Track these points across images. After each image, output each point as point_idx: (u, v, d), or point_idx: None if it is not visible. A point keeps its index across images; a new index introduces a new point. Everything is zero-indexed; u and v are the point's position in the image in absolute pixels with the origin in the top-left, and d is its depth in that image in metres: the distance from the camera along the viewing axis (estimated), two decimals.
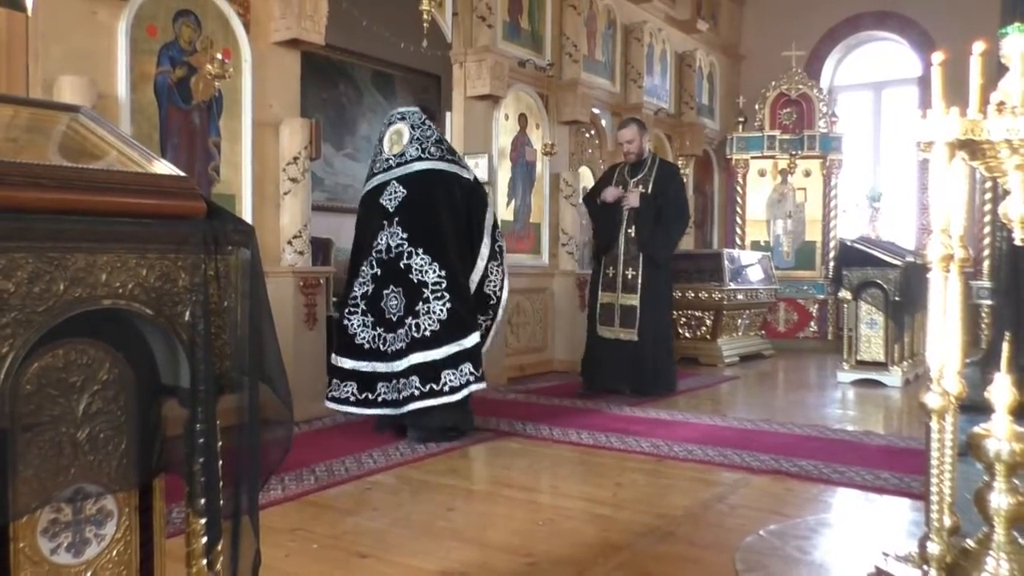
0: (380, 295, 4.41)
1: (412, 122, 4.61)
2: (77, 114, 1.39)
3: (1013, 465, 2.17)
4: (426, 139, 4.55)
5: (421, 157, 4.50)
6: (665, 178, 6.10)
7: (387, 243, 4.40)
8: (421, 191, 4.43)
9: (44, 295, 1.08)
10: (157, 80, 4.29)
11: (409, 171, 4.47)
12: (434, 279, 4.32)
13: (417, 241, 4.36)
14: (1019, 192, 2.03)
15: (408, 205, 4.41)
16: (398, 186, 4.46)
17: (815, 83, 10.29)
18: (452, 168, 4.55)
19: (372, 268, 4.45)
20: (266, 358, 1.36)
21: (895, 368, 6.79)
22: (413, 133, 4.56)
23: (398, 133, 4.61)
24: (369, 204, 4.57)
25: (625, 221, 6.08)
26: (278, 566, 2.51)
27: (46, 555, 1.18)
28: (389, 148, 4.60)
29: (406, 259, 4.36)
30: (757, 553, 2.68)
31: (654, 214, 5.97)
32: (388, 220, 4.44)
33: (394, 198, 4.44)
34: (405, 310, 4.34)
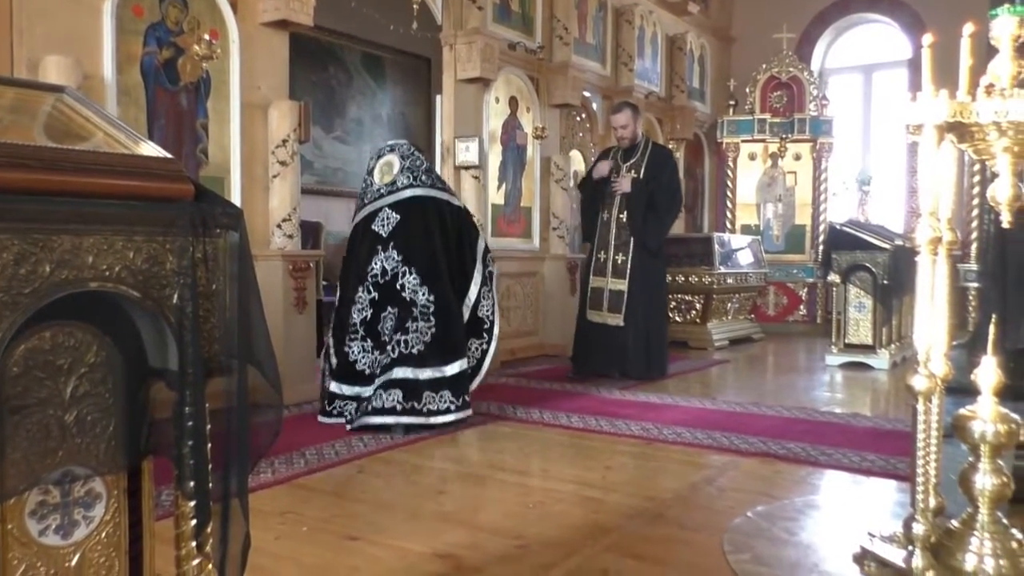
0: (378, 318, 4.42)
1: (401, 152, 4.68)
2: (62, 94, 1.38)
3: (998, 446, 2.20)
4: (416, 168, 4.62)
5: (412, 184, 4.56)
6: (658, 163, 6.10)
7: (382, 267, 4.44)
8: (413, 215, 4.48)
9: (30, 277, 1.07)
10: (144, 61, 4.25)
11: (400, 197, 4.52)
12: (423, 301, 4.37)
13: (410, 262, 4.42)
14: (1007, 175, 2.04)
15: (401, 229, 4.46)
16: (390, 212, 4.51)
17: (806, 66, 10.28)
18: (443, 195, 4.63)
19: (369, 293, 4.46)
20: (255, 341, 1.36)
21: (883, 351, 6.83)
22: (403, 163, 4.61)
23: (388, 164, 4.66)
24: (361, 232, 4.60)
25: (616, 206, 6.08)
26: (268, 549, 2.52)
27: (34, 537, 1.18)
28: (380, 179, 4.65)
29: (400, 279, 4.40)
30: (745, 535, 2.70)
31: (646, 199, 5.96)
32: (382, 245, 4.47)
33: (387, 223, 4.49)
34: (394, 329, 4.35)
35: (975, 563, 2.17)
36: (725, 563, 2.45)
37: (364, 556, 2.52)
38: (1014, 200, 2.06)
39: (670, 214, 6.20)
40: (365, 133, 11.38)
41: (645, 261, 6.01)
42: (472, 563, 2.46)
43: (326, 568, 2.42)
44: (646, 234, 5.98)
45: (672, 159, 6.53)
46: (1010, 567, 2.15)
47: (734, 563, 2.44)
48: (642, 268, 6.00)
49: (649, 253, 6.02)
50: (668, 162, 6.31)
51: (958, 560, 2.20)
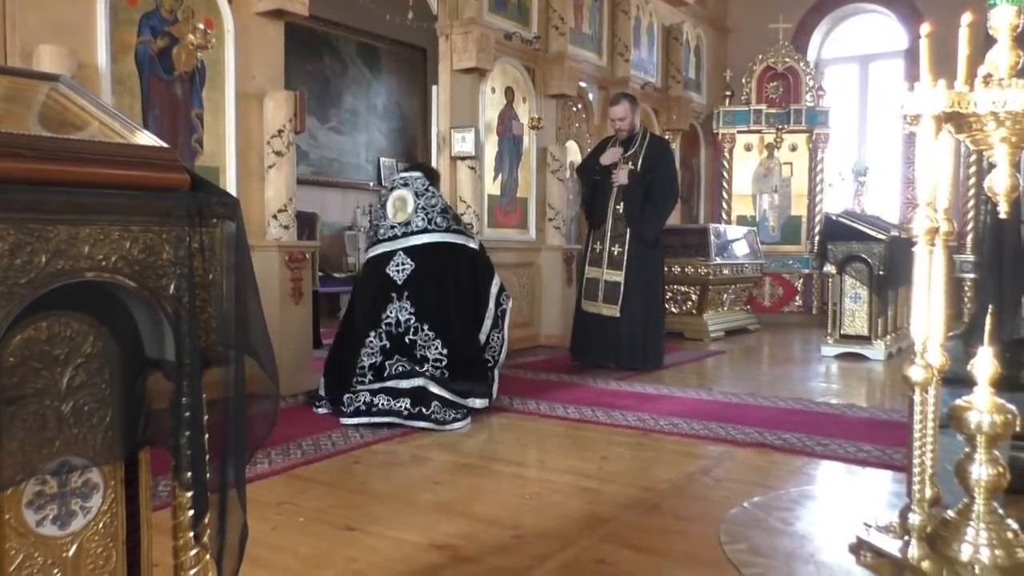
0: (385, 367, 4.45)
1: (415, 189, 4.70)
2: (57, 83, 1.37)
3: (994, 437, 2.20)
4: (431, 208, 4.65)
5: (427, 228, 4.59)
6: (655, 154, 6.10)
7: (396, 317, 4.48)
8: (428, 264, 4.53)
9: (26, 267, 1.07)
10: (138, 50, 4.22)
11: (416, 243, 4.57)
12: (435, 356, 4.41)
13: (424, 316, 4.46)
14: (1005, 165, 2.04)
15: (416, 279, 4.51)
16: (405, 258, 4.54)
17: (802, 56, 10.27)
18: (459, 239, 4.67)
19: (381, 340, 4.48)
20: (252, 331, 1.35)
21: (878, 342, 6.85)
22: (418, 202, 4.65)
23: (401, 200, 4.70)
24: (375, 272, 4.63)
25: (614, 198, 6.08)
26: (265, 539, 2.52)
27: (32, 527, 1.18)
28: (393, 215, 4.70)
29: (412, 334, 4.44)
30: (741, 525, 2.70)
31: (643, 191, 5.96)
32: (397, 293, 4.51)
33: (402, 270, 4.53)
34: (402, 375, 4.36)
35: (971, 553, 2.18)
36: (721, 553, 2.46)
37: (361, 546, 2.52)
38: (1011, 190, 2.06)
39: (667, 205, 6.20)
40: (360, 123, 11.35)
41: (642, 252, 6.01)
42: (469, 553, 2.47)
43: (323, 558, 2.42)
44: (643, 226, 5.98)
45: (669, 150, 6.53)
46: (1005, 557, 2.16)
47: (730, 553, 2.45)
48: (639, 259, 6.00)
49: (646, 244, 6.02)
50: (666, 153, 6.31)
51: (954, 550, 2.20)
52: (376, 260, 4.64)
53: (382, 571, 2.33)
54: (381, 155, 11.63)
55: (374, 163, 11.53)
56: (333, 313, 10.46)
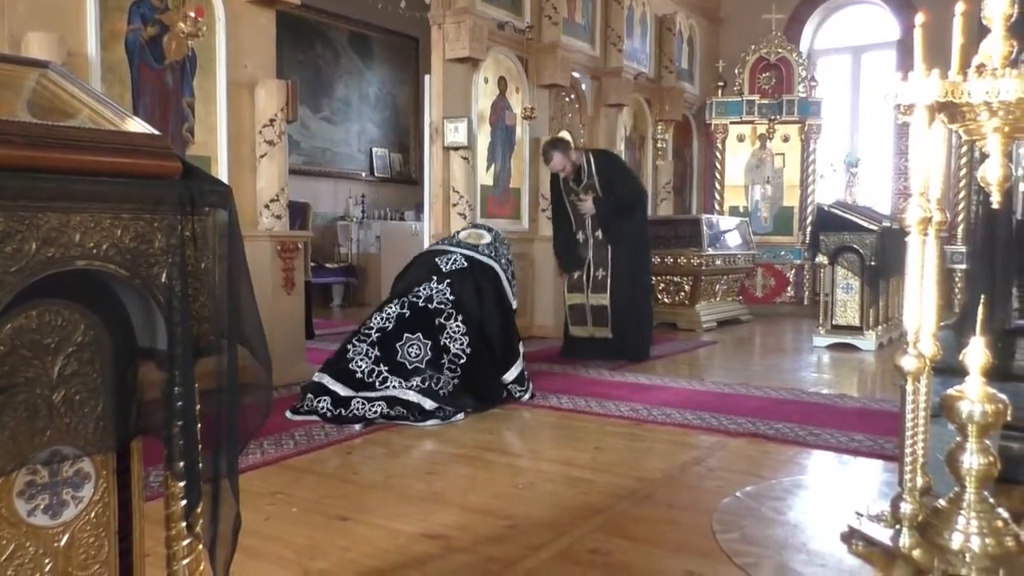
0: (400, 336, 4.29)
1: (495, 236, 4.97)
2: (46, 70, 1.35)
3: (985, 426, 2.21)
4: (501, 254, 4.85)
5: (492, 257, 4.77)
6: (607, 170, 6.13)
7: (429, 294, 4.46)
8: (479, 273, 4.63)
9: (15, 255, 1.06)
10: (128, 38, 4.19)
11: (475, 255, 4.71)
12: (456, 350, 4.38)
13: (460, 307, 4.46)
14: (997, 155, 2.04)
15: (463, 275, 4.57)
16: (460, 258, 4.65)
17: (794, 47, 10.26)
18: (509, 288, 4.81)
19: (401, 308, 4.41)
20: (244, 321, 1.35)
21: (870, 332, 6.87)
22: (494, 243, 4.88)
23: (478, 234, 4.95)
24: (424, 259, 4.77)
25: (589, 226, 6.14)
26: (258, 529, 2.51)
27: (23, 517, 1.17)
28: (465, 237, 4.89)
29: (444, 319, 4.40)
30: (734, 514, 2.71)
31: (613, 209, 6.01)
32: (438, 277, 4.54)
33: (451, 264, 4.61)
34: (427, 364, 4.26)
35: (961, 541, 2.19)
36: (714, 542, 2.46)
37: (354, 536, 2.52)
38: (1004, 180, 2.06)
39: (636, 210, 6.21)
40: (353, 113, 11.32)
41: (624, 267, 6.03)
42: (462, 543, 2.47)
43: (316, 548, 2.42)
44: (624, 239, 6.04)
45: (617, 160, 6.61)
46: (996, 545, 2.17)
47: (723, 542, 2.45)
48: (622, 276, 6.04)
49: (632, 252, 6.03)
50: (615, 164, 6.39)
51: (944, 538, 2.22)
52: (428, 253, 4.81)
53: (375, 560, 2.33)
54: (373, 145, 11.61)
55: (366, 153, 11.51)
56: (325, 303, 10.46)
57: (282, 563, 2.31)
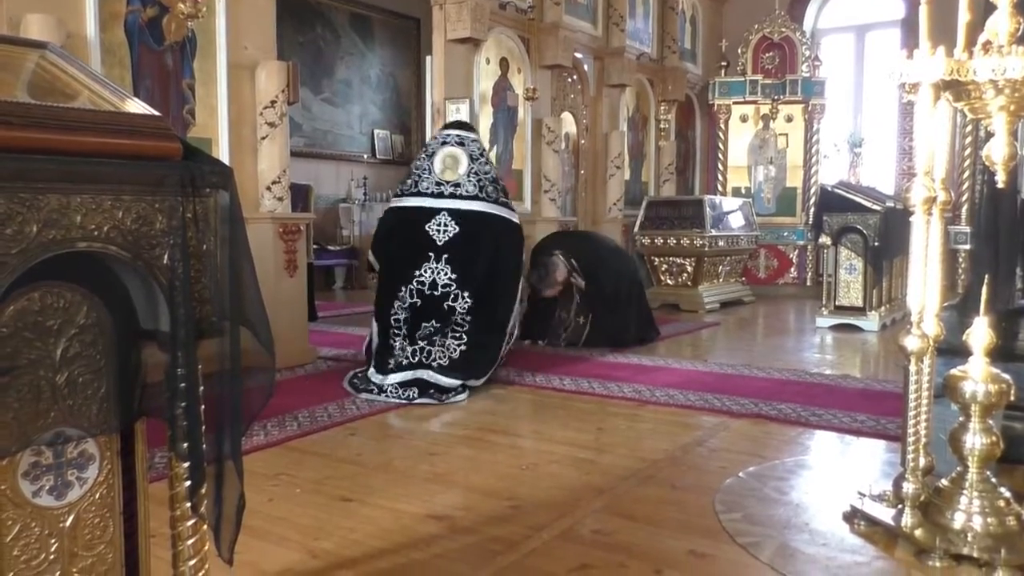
0: (418, 325, 4.39)
1: (471, 152, 4.62)
2: (45, 51, 1.34)
3: (988, 406, 2.21)
4: (484, 175, 4.58)
5: (479, 196, 4.51)
6: (593, 268, 5.95)
7: (432, 279, 4.39)
8: (474, 232, 4.44)
9: (17, 237, 1.06)
10: (127, 19, 4.16)
11: (464, 208, 4.47)
12: (460, 320, 4.35)
13: (465, 283, 4.38)
14: (1003, 134, 2.03)
15: (460, 244, 4.40)
16: (450, 219, 4.43)
17: (798, 26, 10.19)
18: (505, 213, 4.63)
19: (412, 298, 4.41)
20: (247, 303, 1.34)
21: (873, 313, 6.86)
22: (471, 166, 4.56)
23: (453, 158, 4.59)
24: (410, 225, 4.49)
25: (576, 305, 5.96)
26: (262, 510, 2.53)
27: (28, 497, 1.17)
28: (441, 171, 4.57)
29: (451, 300, 4.37)
30: (737, 495, 2.72)
31: (601, 303, 5.90)
32: (435, 253, 4.41)
33: (444, 232, 4.42)
34: (432, 333, 4.34)
35: (963, 521, 2.20)
36: (717, 522, 2.47)
37: (358, 517, 2.53)
38: (1010, 159, 2.05)
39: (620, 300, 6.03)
40: (354, 95, 11.27)
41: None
42: (465, 524, 2.48)
43: (320, 529, 2.43)
44: (616, 304, 5.91)
45: (593, 244, 6.38)
46: (997, 524, 2.18)
47: (726, 522, 2.46)
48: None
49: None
50: (593, 255, 6.12)
51: (947, 518, 2.23)
52: (414, 212, 4.50)
53: (379, 541, 2.34)
54: (375, 127, 11.56)
55: (368, 135, 11.47)
56: (328, 286, 10.46)
57: (286, 543, 2.32)
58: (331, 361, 5.18)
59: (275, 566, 2.17)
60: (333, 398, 4.11)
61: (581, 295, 5.94)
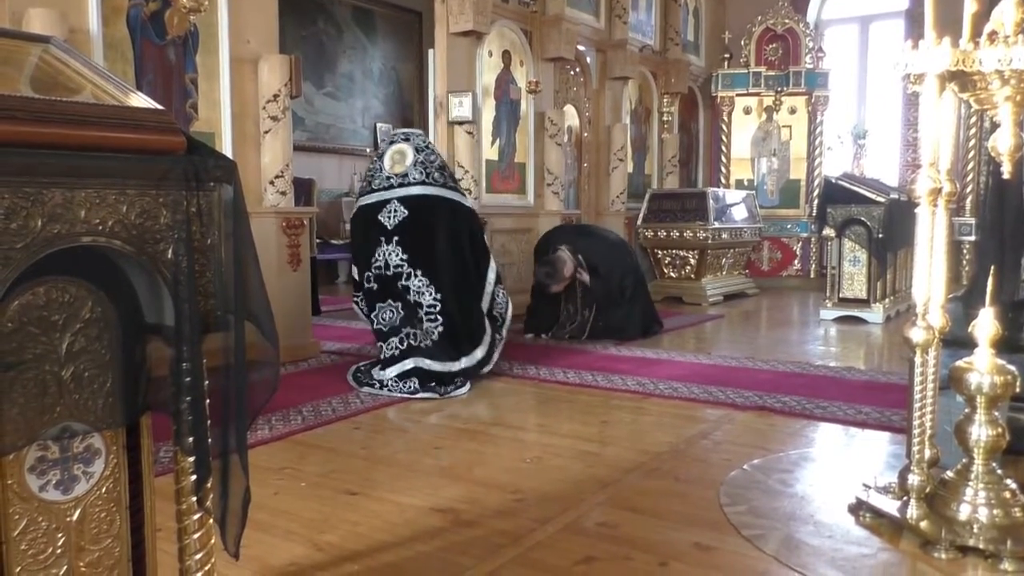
0: (373, 307, 4.45)
1: (416, 144, 4.65)
2: (48, 45, 1.34)
3: (994, 398, 2.21)
4: (430, 163, 4.59)
5: (424, 181, 4.52)
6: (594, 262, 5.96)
7: (385, 260, 4.41)
8: (422, 214, 4.45)
9: (21, 232, 1.05)
10: (130, 14, 4.16)
11: (411, 193, 4.49)
12: (429, 301, 4.35)
13: (416, 263, 4.38)
14: (1009, 124, 2.02)
15: (408, 226, 4.42)
16: (399, 205, 4.46)
17: (801, 17, 10.15)
18: (454, 196, 4.61)
19: (370, 283, 4.48)
20: (251, 296, 1.34)
21: (877, 305, 6.85)
22: (417, 156, 4.59)
23: (400, 153, 4.63)
24: (366, 219, 4.55)
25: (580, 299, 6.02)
26: (267, 504, 2.53)
27: (35, 492, 1.18)
28: (390, 167, 4.61)
29: (404, 280, 4.38)
30: (741, 487, 2.72)
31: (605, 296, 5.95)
32: (386, 237, 4.43)
33: (393, 216, 4.44)
34: (401, 322, 4.37)
35: (969, 512, 2.20)
36: (722, 515, 2.47)
37: (363, 511, 2.54)
38: (1016, 150, 2.04)
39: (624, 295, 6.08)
40: (356, 89, 11.26)
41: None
42: (470, 517, 2.48)
43: (325, 522, 2.43)
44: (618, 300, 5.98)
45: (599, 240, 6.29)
46: (1003, 516, 2.18)
47: (731, 515, 2.46)
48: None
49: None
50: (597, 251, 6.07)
51: (952, 510, 2.22)
52: (368, 207, 4.57)
53: (384, 534, 2.34)
54: (377, 121, 11.55)
55: (370, 129, 11.46)
56: (331, 280, 10.47)
57: (291, 537, 2.32)
58: (334, 355, 5.18)
59: (281, 560, 2.17)
60: (337, 392, 4.12)
61: (584, 289, 5.94)
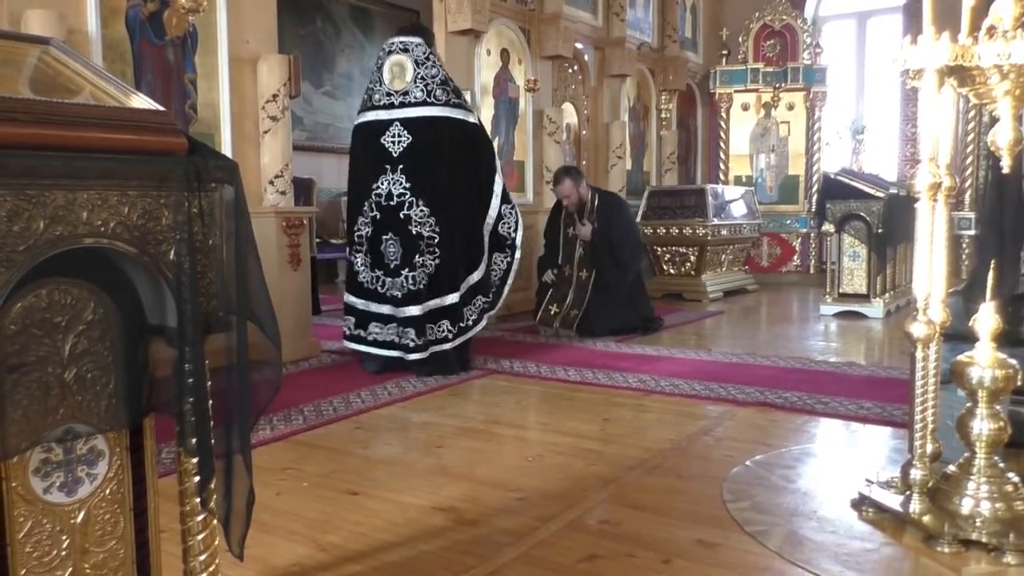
0: (379, 239, 4.47)
1: (416, 57, 4.52)
2: (48, 47, 1.34)
3: (995, 391, 2.21)
4: (431, 79, 4.49)
5: (427, 101, 4.44)
6: (608, 210, 6.06)
7: (388, 190, 4.40)
8: (426, 139, 4.39)
9: (24, 234, 1.06)
10: (128, 14, 4.16)
11: (414, 115, 4.42)
12: (429, 233, 4.36)
13: (419, 192, 4.37)
14: (1008, 119, 2.02)
15: (412, 153, 4.38)
16: (402, 130, 4.41)
17: (799, 13, 10.15)
18: (458, 114, 4.53)
19: (372, 211, 4.47)
20: (253, 297, 1.34)
21: (877, 300, 6.85)
22: (417, 71, 4.47)
23: (400, 66, 4.51)
24: (368, 140, 4.51)
25: (578, 260, 6.05)
26: (269, 504, 2.53)
27: (39, 494, 1.18)
28: (390, 81, 4.52)
29: (406, 209, 4.37)
30: (744, 483, 2.72)
31: (606, 249, 5.95)
32: (391, 165, 4.42)
33: (398, 142, 4.40)
34: (403, 260, 4.41)
35: (971, 506, 2.20)
36: (725, 511, 2.47)
37: (365, 510, 2.54)
38: (1015, 144, 2.04)
39: (635, 262, 6.21)
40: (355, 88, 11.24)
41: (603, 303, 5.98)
42: (472, 516, 2.48)
43: (328, 522, 2.44)
44: (617, 284, 5.99)
45: (624, 204, 6.47)
46: (1006, 509, 2.18)
47: (734, 511, 2.46)
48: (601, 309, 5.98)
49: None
50: (621, 208, 6.28)
51: (955, 504, 2.23)
52: (370, 127, 4.51)
53: (387, 534, 2.34)
54: None
55: None
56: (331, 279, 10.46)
57: (294, 537, 2.33)
58: (335, 355, 5.18)
59: (284, 560, 2.17)
60: (338, 392, 4.12)
61: (586, 247, 5.99)
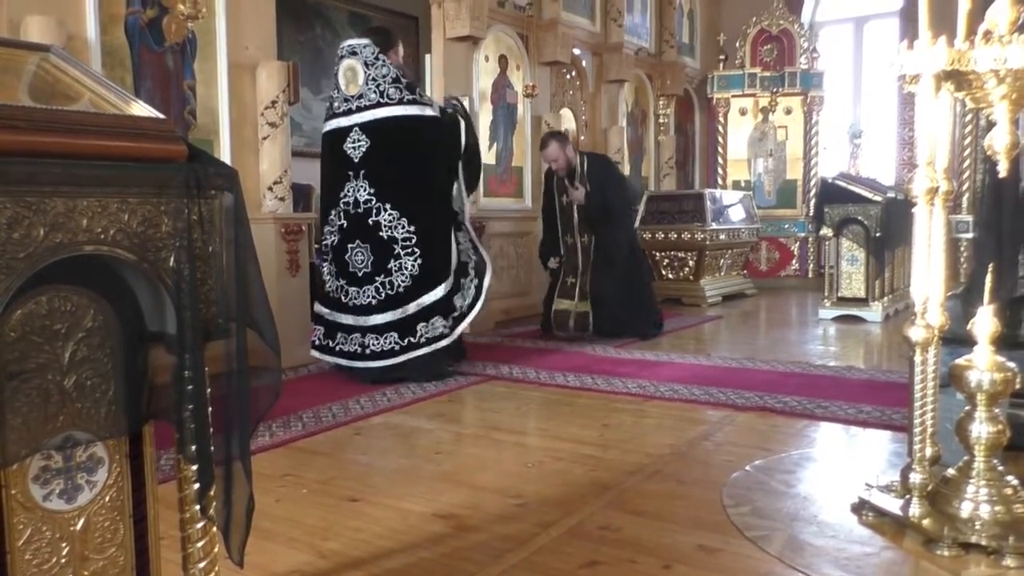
0: (344, 248, 4.46)
1: (365, 59, 4.46)
2: (47, 54, 1.34)
3: (994, 395, 2.21)
4: (382, 79, 4.44)
5: (380, 102, 4.42)
6: (599, 173, 6.08)
7: (354, 197, 4.41)
8: (385, 141, 4.38)
9: (24, 241, 1.06)
10: (128, 21, 4.17)
11: (370, 119, 4.41)
12: (403, 235, 4.34)
13: (385, 196, 4.36)
14: (1005, 123, 2.03)
15: (373, 157, 4.38)
16: (361, 134, 4.40)
17: (796, 18, 10.18)
18: (413, 110, 4.45)
19: (340, 219, 4.48)
20: (253, 304, 1.34)
21: (876, 304, 6.86)
22: (368, 72, 4.45)
23: (352, 70, 4.48)
24: (333, 148, 4.54)
25: (577, 226, 6.07)
26: (269, 511, 2.53)
27: (39, 501, 1.18)
28: (345, 86, 4.53)
29: (375, 216, 4.36)
30: (744, 488, 2.72)
31: (601, 205, 5.95)
32: (354, 171, 4.42)
33: (358, 147, 4.40)
34: (374, 267, 4.37)
35: (971, 510, 2.20)
36: (725, 516, 2.47)
37: (365, 517, 2.53)
38: (1012, 148, 2.05)
39: (627, 215, 6.28)
40: None
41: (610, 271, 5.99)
42: (473, 522, 2.48)
43: (328, 529, 2.43)
44: (613, 242, 6.00)
45: (611, 163, 6.58)
46: (1005, 512, 2.18)
47: (734, 516, 2.46)
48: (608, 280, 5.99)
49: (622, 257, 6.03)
50: (610, 168, 6.37)
51: (954, 507, 2.23)
52: (334, 135, 4.52)
53: (387, 541, 2.34)
54: None
55: None
56: None
57: (294, 544, 2.32)
58: None
59: (284, 567, 2.17)
60: (338, 398, 4.11)
61: (580, 212, 6.01)
